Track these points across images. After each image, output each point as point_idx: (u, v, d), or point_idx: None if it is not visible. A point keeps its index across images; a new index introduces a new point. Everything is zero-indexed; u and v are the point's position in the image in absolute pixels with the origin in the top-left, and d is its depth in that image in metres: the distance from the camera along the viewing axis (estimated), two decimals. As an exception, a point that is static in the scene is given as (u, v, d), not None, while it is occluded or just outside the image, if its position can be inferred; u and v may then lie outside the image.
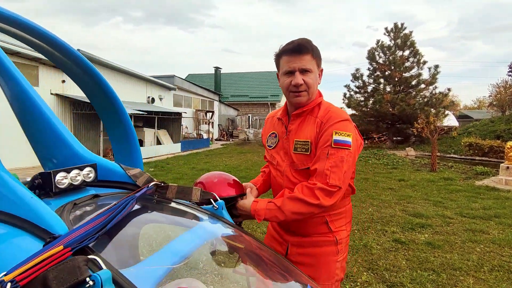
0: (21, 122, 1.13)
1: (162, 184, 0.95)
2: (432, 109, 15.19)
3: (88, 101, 8.52)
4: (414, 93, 16.09)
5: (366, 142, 20.53)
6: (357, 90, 17.42)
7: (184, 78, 21.23)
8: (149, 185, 0.91)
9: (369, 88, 17.20)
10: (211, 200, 0.99)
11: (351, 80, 17.34)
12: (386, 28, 16.44)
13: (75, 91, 11.25)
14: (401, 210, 5.20)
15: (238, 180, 1.35)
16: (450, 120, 18.37)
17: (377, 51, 16.77)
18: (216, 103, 23.15)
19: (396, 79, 16.23)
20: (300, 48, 1.22)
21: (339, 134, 1.19)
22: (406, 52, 16.38)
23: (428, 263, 3.25)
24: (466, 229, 4.29)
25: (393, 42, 16.49)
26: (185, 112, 17.04)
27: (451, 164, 10.32)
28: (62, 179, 0.86)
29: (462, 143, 13.02)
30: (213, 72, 27.87)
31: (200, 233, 0.85)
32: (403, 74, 16.20)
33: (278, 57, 1.30)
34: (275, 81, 28.16)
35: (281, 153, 1.36)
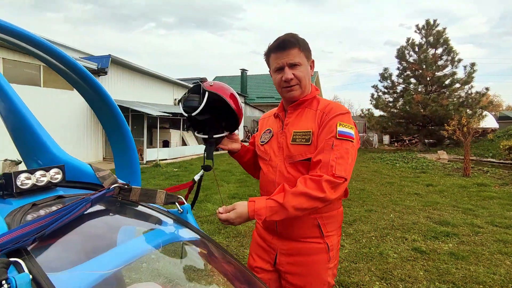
0: (5, 125, 1.18)
1: (126, 186, 0.95)
2: (468, 110, 14.27)
3: (119, 104, 8.86)
4: (447, 93, 15.22)
5: (395, 144, 19.74)
6: (386, 90, 16.79)
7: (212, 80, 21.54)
8: (110, 187, 0.91)
9: (399, 88, 16.51)
10: (176, 203, 0.97)
11: (379, 80, 16.76)
12: (417, 26, 15.71)
13: (105, 94, 11.80)
14: (426, 217, 4.90)
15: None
16: (488, 122, 17.14)
17: (407, 50, 16.06)
18: (241, 105, 23.27)
19: (428, 79, 15.44)
20: (285, 44, 1.21)
21: (343, 125, 1.17)
22: (439, 50, 15.54)
23: (448, 275, 3.02)
24: (497, 239, 3.96)
25: (424, 39, 15.72)
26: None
27: (486, 169, 9.61)
28: (25, 179, 0.88)
29: (501, 147, 12.09)
30: (240, 74, 28.13)
31: (155, 238, 0.84)
32: (436, 73, 15.38)
33: (267, 55, 1.30)
34: (301, 82, 27.86)
35: (274, 147, 1.32)
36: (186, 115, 1.24)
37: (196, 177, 1.30)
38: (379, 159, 12.58)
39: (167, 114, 12.11)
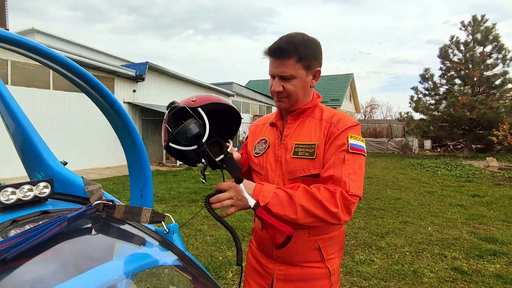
0: (11, 138, 1.19)
1: (110, 203, 0.90)
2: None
3: (154, 108, 9.26)
4: (497, 94, 13.93)
5: (437, 150, 18.48)
6: (427, 92, 15.78)
7: (245, 84, 21.79)
8: (92, 204, 0.86)
9: (441, 90, 15.44)
10: (162, 223, 0.90)
11: (420, 82, 15.79)
12: (462, 22, 14.60)
13: (143, 100, 12.36)
14: (469, 232, 4.45)
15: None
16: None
17: (451, 48, 14.98)
18: (274, 109, 23.27)
19: (475, 79, 14.25)
20: (279, 53, 1.07)
21: (355, 138, 1.06)
22: (488, 48, 14.30)
23: (494, 302, 2.68)
24: (555, 262, 3.46)
25: (471, 37, 14.56)
26: (242, 118, 17.37)
27: (545, 178, 8.61)
28: (9, 194, 0.86)
29: None
30: (272, 77, 28.07)
31: (131, 262, 0.77)
32: (484, 73, 14.15)
33: (266, 55, 1.15)
34: (334, 85, 27.19)
35: (271, 160, 1.18)
36: (189, 149, 0.97)
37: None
38: (419, 165, 11.80)
39: (199, 118, 12.35)
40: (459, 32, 23.24)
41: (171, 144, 0.97)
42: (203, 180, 1.05)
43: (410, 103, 16.01)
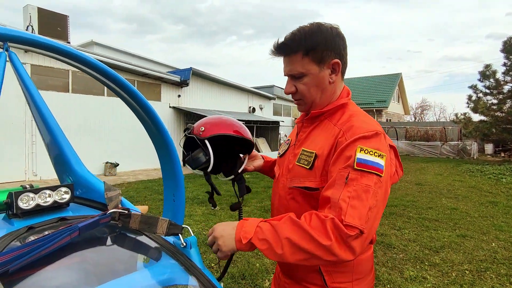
0: (44, 143, 1.21)
1: (126, 212, 0.84)
2: None
3: (197, 112, 9.62)
4: None
5: (501, 154, 16.61)
6: (488, 91, 14.25)
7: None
8: (106, 213, 0.81)
9: (505, 88, 13.84)
10: (180, 235, 0.82)
11: (479, 80, 14.31)
12: (532, 12, 12.95)
13: (188, 104, 12.82)
14: (545, 251, 3.84)
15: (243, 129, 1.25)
16: None
17: (518, 41, 13.36)
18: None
19: (549, 75, 12.54)
20: (282, 49, 0.94)
21: (366, 152, 0.83)
22: None
23: None
24: None
25: (543, 27, 12.85)
26: (283, 121, 17.30)
27: None
28: (28, 200, 0.84)
29: None
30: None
31: (144, 279, 0.70)
32: (560, 67, 12.40)
33: None
34: (380, 86, 25.85)
35: (286, 163, 1.07)
36: (202, 173, 1.20)
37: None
38: (479, 172, 10.65)
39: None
40: (528, 23, 20.71)
41: (186, 165, 1.18)
42: (212, 207, 1.24)
43: (468, 103, 14.58)
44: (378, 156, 0.84)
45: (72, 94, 9.09)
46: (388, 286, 3.03)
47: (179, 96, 12.60)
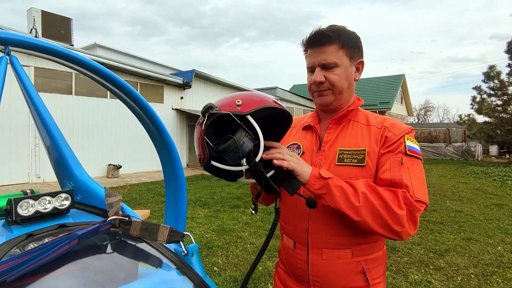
0: (44, 147, 1.20)
1: (126, 219, 0.82)
2: None
3: (199, 114, 9.77)
4: None
5: (506, 156, 16.46)
6: (492, 92, 14.15)
7: (289, 88, 21.65)
8: (106, 220, 0.79)
9: (510, 89, 13.74)
10: (181, 243, 0.81)
11: (483, 81, 14.22)
12: (536, 12, 12.87)
13: (190, 106, 12.83)
14: (552, 255, 3.78)
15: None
16: None
17: (523, 42, 13.27)
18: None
19: (554, 76, 12.44)
20: (319, 38, 0.97)
21: (412, 141, 0.97)
22: None
23: None
24: None
25: (548, 28, 12.76)
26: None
27: None
28: (27, 207, 0.83)
29: None
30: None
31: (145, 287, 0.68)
32: None
33: (304, 51, 1.06)
34: (384, 87, 25.75)
35: None
36: (239, 169, 0.80)
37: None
38: (483, 173, 10.56)
39: (243, 124, 12.47)
40: (532, 24, 20.62)
41: (213, 163, 0.78)
42: (253, 212, 0.93)
43: (472, 104, 14.50)
44: (417, 144, 0.99)
45: (75, 96, 9.13)
46: (393, 290, 2.99)
47: (181, 98, 12.61)
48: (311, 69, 1.01)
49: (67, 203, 0.90)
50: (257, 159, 0.79)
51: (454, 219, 5.28)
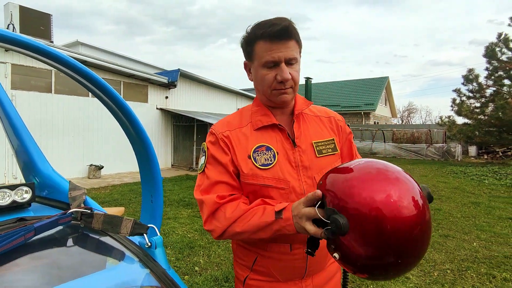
0: (9, 142, 1.16)
1: (88, 211, 0.80)
2: None
3: (185, 114, 9.53)
4: (556, 95, 12.55)
5: (484, 156, 17.05)
6: (471, 94, 14.63)
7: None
8: (66, 213, 0.77)
9: (488, 92, 14.24)
10: (145, 235, 0.79)
11: (463, 84, 14.67)
12: (511, 18, 13.40)
13: (175, 106, 12.70)
14: (523, 250, 3.93)
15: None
16: None
17: (499, 47, 13.78)
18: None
19: (528, 79, 12.96)
20: (285, 33, 0.93)
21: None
22: (543, 45, 12.97)
23: (556, 335, 2.28)
24: None
25: (522, 33, 13.30)
26: (272, 123, 17.30)
27: None
28: (-16, 199, 0.80)
29: None
30: (304, 82, 27.80)
31: (104, 280, 0.66)
32: (539, 72, 12.83)
33: (252, 42, 0.98)
34: (368, 89, 26.21)
35: (288, 168, 0.99)
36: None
37: None
38: (462, 173, 10.90)
39: (229, 124, 12.42)
40: (508, 29, 21.50)
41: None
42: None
43: (452, 106, 14.92)
44: None
45: (55, 94, 8.87)
46: (371, 286, 3.04)
47: (166, 97, 12.46)
48: (272, 64, 0.95)
49: (27, 196, 0.87)
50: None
51: (433, 217, 5.41)
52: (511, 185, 8.53)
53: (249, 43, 0.99)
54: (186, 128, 12.93)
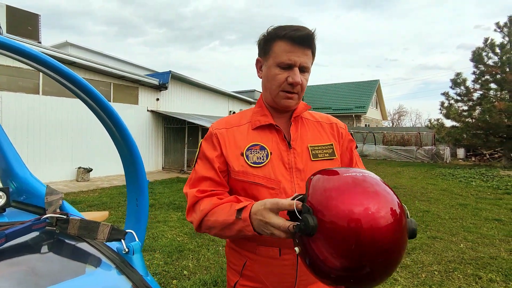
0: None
1: (64, 217, 0.78)
2: None
3: (176, 116, 9.45)
4: (540, 99, 12.88)
5: (472, 159, 17.37)
6: (459, 98, 14.91)
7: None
8: (41, 218, 0.75)
9: (475, 95, 14.53)
10: (122, 241, 0.78)
11: (451, 87, 14.96)
12: (497, 24, 13.72)
13: (166, 108, 12.61)
14: (509, 251, 4.00)
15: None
16: None
17: (486, 51, 14.10)
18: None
19: (513, 83, 13.28)
20: (308, 40, 0.95)
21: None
22: (527, 50, 13.32)
23: (539, 335, 2.32)
24: None
25: (507, 39, 13.64)
26: (264, 126, 17.32)
27: None
28: (-46, 205, 0.77)
29: None
30: (295, 85, 27.87)
31: (80, 287, 0.65)
32: (523, 76, 13.16)
33: (272, 40, 0.99)
34: (359, 92, 26.48)
35: (281, 169, 0.99)
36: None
37: None
38: (451, 175, 11.07)
39: (220, 126, 12.39)
40: (494, 35, 22.00)
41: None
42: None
43: (440, 109, 15.19)
44: None
45: (43, 96, 8.72)
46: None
47: (157, 99, 12.37)
48: (287, 66, 0.96)
49: (1, 201, 0.84)
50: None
51: (422, 219, 5.48)
52: (497, 187, 8.70)
53: (268, 40, 1.00)
54: (178, 131, 12.85)
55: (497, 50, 13.87)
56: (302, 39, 0.94)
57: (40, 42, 9.70)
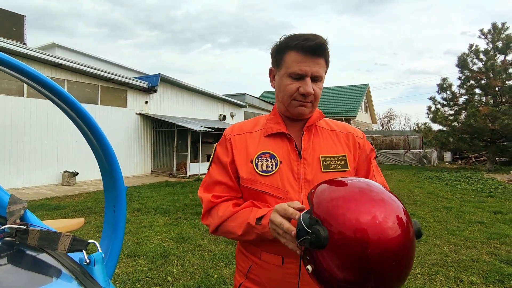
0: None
1: (24, 228, 0.77)
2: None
3: (166, 119, 9.35)
4: (522, 104, 13.25)
5: (458, 162, 17.72)
6: (445, 102, 15.23)
7: (259, 95, 21.87)
8: (0, 228, 0.73)
9: (461, 100, 14.86)
10: (83, 251, 0.76)
11: (437, 92, 15.27)
12: (481, 30, 14.11)
13: (155, 111, 12.50)
14: (490, 253, 4.08)
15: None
16: None
17: (470, 57, 14.46)
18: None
19: (497, 88, 13.65)
20: (319, 50, 0.94)
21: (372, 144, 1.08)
22: (510, 56, 13.72)
23: (516, 337, 2.36)
24: None
25: (491, 45, 14.03)
26: (254, 129, 17.31)
27: None
28: None
29: None
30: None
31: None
32: (506, 82, 13.54)
33: (284, 50, 0.99)
34: (349, 95, 26.78)
35: (289, 179, 0.98)
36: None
37: None
38: (437, 178, 11.27)
39: (209, 129, 12.36)
40: (478, 41, 22.59)
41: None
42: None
43: (427, 113, 15.48)
44: None
45: (27, 98, 8.55)
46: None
47: (146, 102, 12.26)
48: (298, 76, 0.96)
49: (-41, 211, 0.82)
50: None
51: (407, 222, 5.54)
52: (481, 190, 8.89)
53: (280, 51, 1.00)
54: (167, 134, 12.75)
55: (482, 56, 14.25)
56: (313, 49, 0.94)
57: (25, 44, 9.52)
